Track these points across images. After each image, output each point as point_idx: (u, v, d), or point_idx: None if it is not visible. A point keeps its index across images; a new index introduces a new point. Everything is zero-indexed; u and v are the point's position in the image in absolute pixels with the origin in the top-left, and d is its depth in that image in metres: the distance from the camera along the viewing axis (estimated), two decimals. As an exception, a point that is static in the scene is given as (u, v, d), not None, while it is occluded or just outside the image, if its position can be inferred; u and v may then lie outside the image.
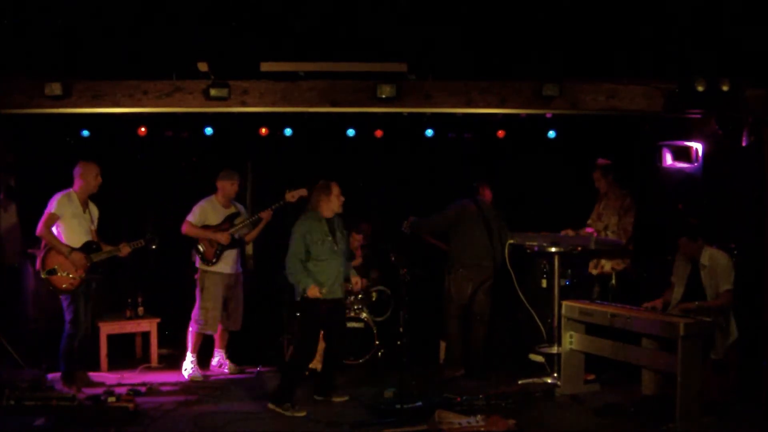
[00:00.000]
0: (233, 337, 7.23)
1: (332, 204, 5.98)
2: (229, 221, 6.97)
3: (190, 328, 6.91)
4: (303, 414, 5.71)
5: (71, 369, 6.28)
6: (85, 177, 6.36)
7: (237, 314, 7.08)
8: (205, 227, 6.88)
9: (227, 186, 6.99)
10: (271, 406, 5.82)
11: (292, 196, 6.77)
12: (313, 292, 5.79)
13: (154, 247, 6.72)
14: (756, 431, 5.56)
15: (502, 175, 8.04)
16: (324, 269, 5.89)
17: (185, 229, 6.86)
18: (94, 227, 6.48)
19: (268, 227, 7.06)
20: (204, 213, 6.92)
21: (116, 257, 6.53)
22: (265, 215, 6.93)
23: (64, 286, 6.22)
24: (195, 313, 6.91)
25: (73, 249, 6.24)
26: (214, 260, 6.87)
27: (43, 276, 6.20)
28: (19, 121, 6.97)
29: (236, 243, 7.01)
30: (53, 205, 6.23)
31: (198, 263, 6.95)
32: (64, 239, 6.26)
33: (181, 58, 5.90)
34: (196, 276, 6.97)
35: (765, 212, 6.15)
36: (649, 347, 5.85)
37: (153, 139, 7.89)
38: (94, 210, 6.56)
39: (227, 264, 6.94)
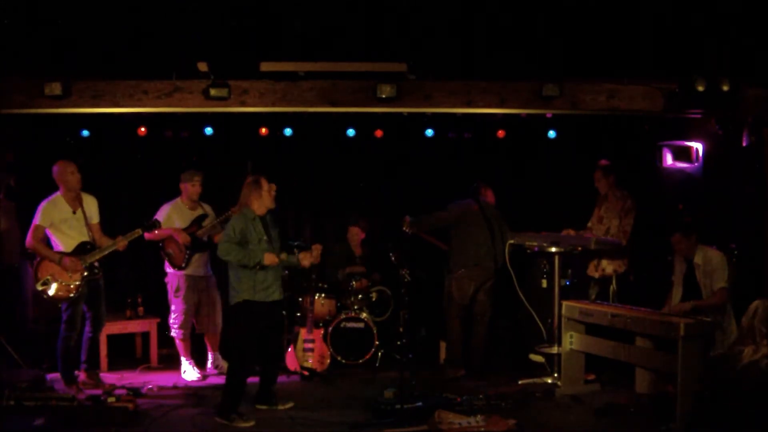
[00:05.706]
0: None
1: (264, 200, 5.76)
2: (196, 224, 6.83)
3: (173, 335, 6.81)
4: (251, 424, 5.46)
5: (70, 369, 6.26)
6: (62, 176, 6.21)
7: (215, 316, 6.96)
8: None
9: (189, 187, 6.84)
10: (218, 419, 5.52)
11: None
12: (270, 259, 5.56)
13: (156, 231, 6.56)
14: (756, 431, 5.55)
15: (503, 175, 8.04)
16: (261, 271, 5.63)
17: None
18: (94, 222, 6.36)
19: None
20: (169, 217, 6.77)
21: (116, 252, 6.34)
22: (235, 212, 6.83)
23: (60, 294, 6.08)
24: (170, 319, 6.81)
25: (63, 255, 6.09)
26: (183, 265, 6.72)
27: (38, 288, 6.06)
28: (19, 121, 6.96)
29: (204, 245, 6.83)
30: (38, 217, 6.11)
31: (168, 267, 6.83)
32: (60, 245, 6.17)
33: (181, 58, 5.90)
34: (166, 280, 6.85)
35: (765, 212, 6.15)
36: (645, 346, 5.84)
37: (153, 139, 7.87)
38: (91, 204, 6.40)
39: (196, 267, 6.80)
